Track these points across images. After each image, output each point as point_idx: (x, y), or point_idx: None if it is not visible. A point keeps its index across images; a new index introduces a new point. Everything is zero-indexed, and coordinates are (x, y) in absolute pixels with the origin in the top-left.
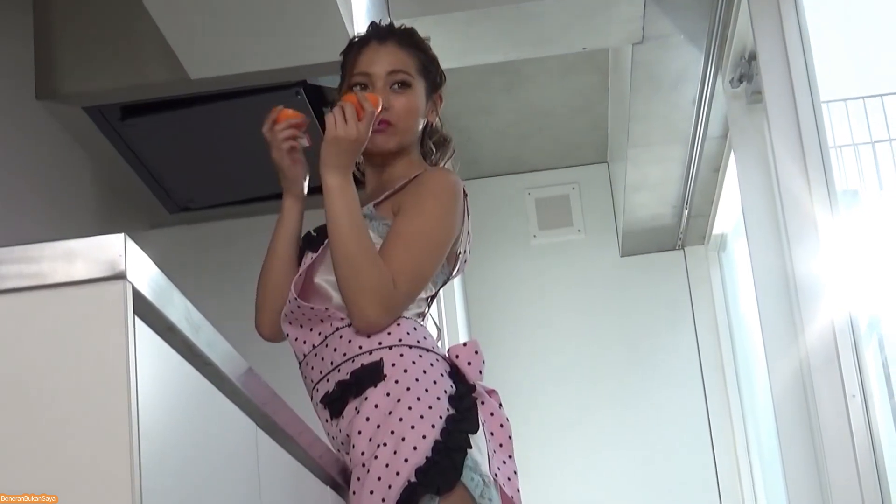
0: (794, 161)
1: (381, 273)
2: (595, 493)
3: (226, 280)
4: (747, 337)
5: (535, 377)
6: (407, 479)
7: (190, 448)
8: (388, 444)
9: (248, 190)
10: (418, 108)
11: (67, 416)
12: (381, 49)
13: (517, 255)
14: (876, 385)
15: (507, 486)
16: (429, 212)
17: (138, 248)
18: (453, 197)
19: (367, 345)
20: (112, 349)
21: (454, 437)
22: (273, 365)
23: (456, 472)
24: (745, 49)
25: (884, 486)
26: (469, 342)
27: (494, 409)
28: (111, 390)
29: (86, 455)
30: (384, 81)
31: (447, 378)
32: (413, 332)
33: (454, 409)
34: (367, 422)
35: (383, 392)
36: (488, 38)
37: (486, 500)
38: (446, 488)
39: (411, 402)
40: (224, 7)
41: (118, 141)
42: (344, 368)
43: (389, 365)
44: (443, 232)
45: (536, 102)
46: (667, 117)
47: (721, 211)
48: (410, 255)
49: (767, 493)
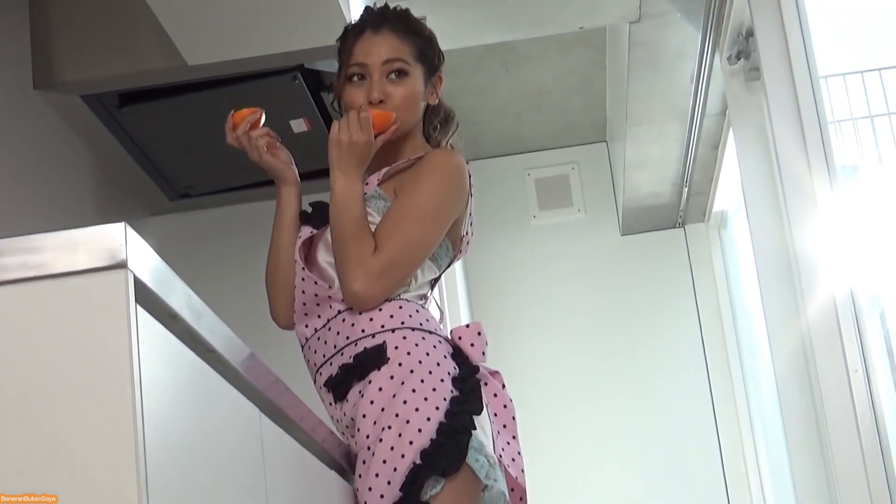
0: (793, 137)
1: (364, 244)
2: (598, 471)
3: (226, 266)
4: (749, 313)
5: (537, 357)
6: (412, 462)
7: (194, 435)
8: (393, 426)
9: (247, 176)
10: (417, 95)
11: (71, 406)
12: (375, 38)
13: (517, 235)
14: (878, 359)
15: (511, 467)
16: (426, 189)
17: (139, 237)
18: (454, 176)
19: (369, 328)
20: (114, 338)
21: (458, 419)
22: (275, 350)
23: (461, 453)
24: (743, 26)
25: (887, 460)
26: (472, 324)
27: (498, 391)
28: (114, 379)
29: (90, 444)
30: (380, 71)
31: (450, 360)
32: (416, 314)
33: (458, 391)
34: (372, 405)
35: (387, 375)
36: (485, 19)
37: (492, 480)
38: (451, 470)
39: (415, 384)
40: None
41: (117, 129)
42: (347, 352)
43: (392, 348)
44: (438, 208)
45: (534, 82)
46: (665, 95)
47: (721, 188)
48: (399, 229)
49: (772, 469)
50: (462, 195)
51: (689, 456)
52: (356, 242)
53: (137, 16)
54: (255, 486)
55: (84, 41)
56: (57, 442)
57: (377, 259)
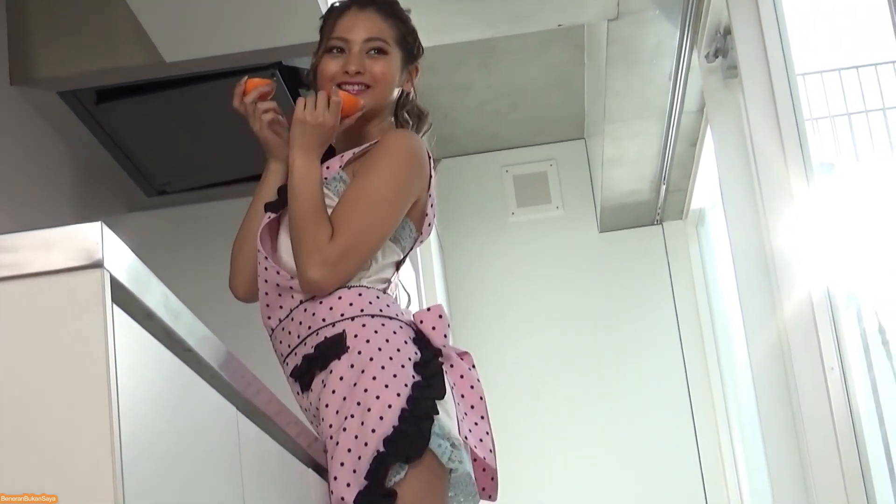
0: (771, 135)
1: (321, 231)
2: (575, 468)
3: (204, 263)
4: (727, 311)
5: (515, 354)
6: (375, 450)
7: (171, 434)
8: (356, 415)
9: (225, 172)
10: (393, 75)
11: (47, 405)
12: (360, 15)
13: (496, 232)
14: (855, 357)
15: (478, 448)
16: (381, 170)
17: (115, 236)
18: (410, 157)
19: (329, 317)
20: (91, 338)
21: (420, 405)
22: (253, 348)
23: (423, 439)
24: (721, 24)
25: (863, 458)
26: (433, 307)
27: (464, 372)
28: (91, 379)
29: (66, 444)
30: (360, 47)
31: (412, 344)
32: (375, 300)
33: (420, 376)
34: (333, 394)
35: (347, 364)
36: (463, 15)
37: (457, 462)
38: (415, 456)
39: (375, 371)
40: None
41: (94, 125)
42: (309, 342)
43: (352, 336)
44: (394, 190)
45: (512, 79)
46: (643, 92)
47: (699, 185)
48: (355, 213)
49: (749, 467)
50: (420, 175)
51: (666, 453)
52: (312, 228)
53: (114, 12)
54: (232, 484)
55: (61, 37)
56: (31, 441)
57: (333, 246)
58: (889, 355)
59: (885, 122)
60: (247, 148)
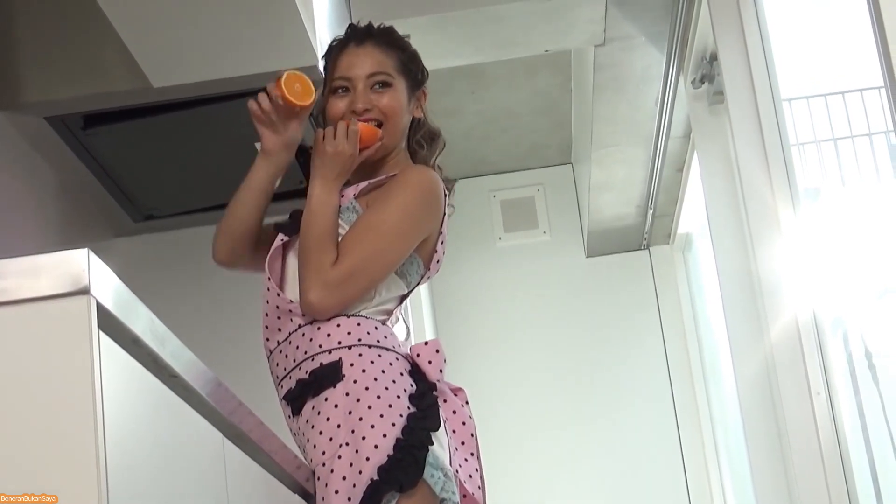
0: (757, 160)
1: (326, 254)
2: (561, 491)
3: (191, 288)
4: (714, 335)
5: (503, 379)
6: (370, 478)
7: (157, 460)
8: (350, 443)
9: (212, 197)
10: (401, 106)
11: (33, 431)
12: (359, 51)
13: (483, 257)
14: (841, 382)
15: (467, 483)
16: (394, 203)
17: (101, 262)
18: (426, 192)
19: (326, 343)
20: (77, 364)
21: (416, 435)
22: (240, 372)
23: (418, 469)
24: (707, 50)
25: (850, 482)
26: (430, 341)
27: (457, 408)
28: (77, 405)
29: (52, 470)
30: (364, 84)
31: (407, 377)
32: (374, 331)
33: (415, 407)
34: (328, 422)
35: (342, 392)
36: (451, 41)
37: (449, 493)
38: (409, 485)
39: (371, 401)
40: (186, 15)
41: (81, 150)
42: (304, 366)
43: (348, 365)
44: (405, 223)
45: (500, 104)
46: (630, 118)
47: (685, 210)
48: (362, 241)
49: (736, 493)
50: (434, 212)
51: (653, 477)
52: (319, 251)
53: (102, 37)
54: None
55: (48, 62)
56: (17, 467)
57: (336, 269)
58: (875, 379)
59: (870, 148)
60: (234, 173)
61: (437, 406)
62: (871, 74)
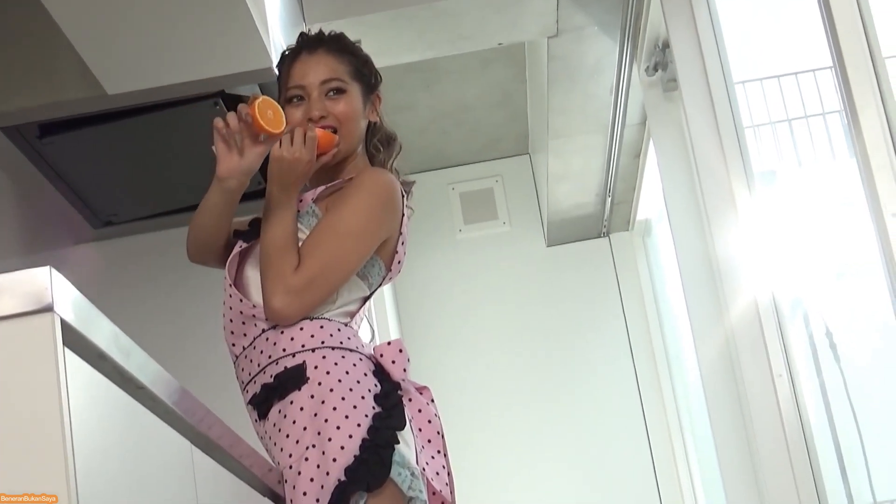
0: (712, 144)
1: (287, 261)
2: (529, 484)
3: (153, 292)
4: (675, 319)
5: (466, 371)
6: (337, 479)
7: (127, 472)
8: (317, 445)
9: (171, 201)
10: (356, 111)
11: (1, 450)
12: (311, 59)
13: (444, 250)
14: (802, 362)
15: (434, 480)
16: (353, 206)
17: (64, 279)
18: (382, 194)
19: (289, 347)
20: (43, 382)
21: (381, 434)
22: (204, 377)
23: (384, 468)
24: (659, 38)
25: (814, 461)
26: (393, 341)
27: (422, 406)
28: (45, 423)
29: (23, 487)
30: (319, 91)
31: (371, 377)
32: (337, 333)
33: (380, 407)
34: (294, 424)
35: (307, 395)
36: (404, 38)
37: (416, 491)
38: (376, 485)
39: (335, 402)
40: (138, 21)
41: (38, 159)
42: (269, 370)
43: (312, 367)
44: (364, 225)
45: (456, 98)
46: (585, 108)
47: (644, 197)
48: (322, 246)
49: (703, 474)
50: (392, 213)
51: (620, 462)
52: (280, 258)
53: (55, 46)
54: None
55: (2, 72)
56: None
57: (298, 276)
58: (837, 358)
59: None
60: (191, 177)
61: (402, 405)
62: (824, 54)
